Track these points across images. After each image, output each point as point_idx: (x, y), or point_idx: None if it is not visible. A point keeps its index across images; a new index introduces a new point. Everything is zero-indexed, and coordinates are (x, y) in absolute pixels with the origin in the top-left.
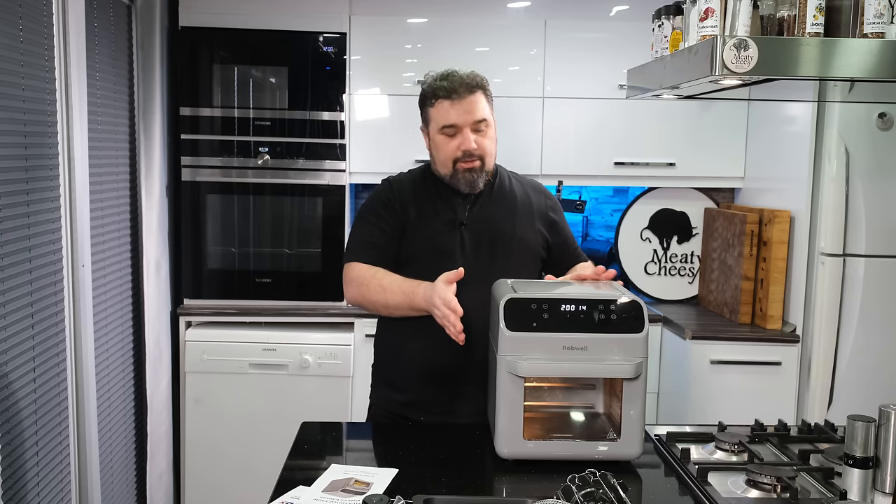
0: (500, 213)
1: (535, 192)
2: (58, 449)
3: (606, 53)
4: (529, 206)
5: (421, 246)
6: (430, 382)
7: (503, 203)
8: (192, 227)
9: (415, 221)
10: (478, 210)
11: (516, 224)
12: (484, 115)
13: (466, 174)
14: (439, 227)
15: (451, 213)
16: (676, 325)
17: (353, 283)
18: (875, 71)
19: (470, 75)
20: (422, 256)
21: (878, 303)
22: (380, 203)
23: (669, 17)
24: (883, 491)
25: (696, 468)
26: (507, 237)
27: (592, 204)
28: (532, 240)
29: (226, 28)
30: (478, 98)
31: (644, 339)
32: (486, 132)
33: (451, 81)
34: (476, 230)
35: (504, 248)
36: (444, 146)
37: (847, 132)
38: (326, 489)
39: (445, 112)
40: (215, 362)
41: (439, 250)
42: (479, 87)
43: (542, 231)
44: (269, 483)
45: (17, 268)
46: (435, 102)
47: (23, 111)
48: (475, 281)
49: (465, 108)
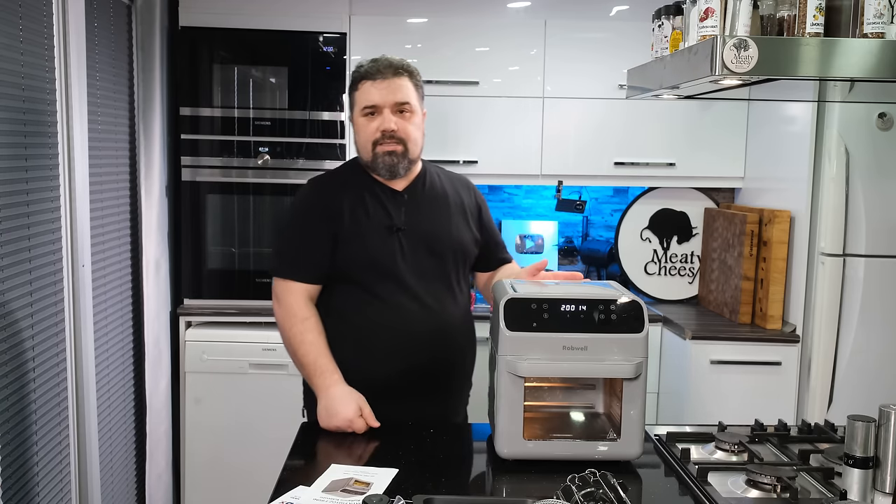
0: (436, 215)
1: (464, 190)
2: (58, 449)
3: (606, 53)
4: (462, 205)
5: (358, 258)
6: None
7: (437, 203)
8: (192, 227)
9: (347, 227)
10: (413, 212)
11: (452, 225)
12: (407, 98)
13: (386, 157)
14: (375, 234)
15: (385, 217)
16: (676, 325)
17: (281, 310)
18: (875, 71)
19: (398, 60)
20: (359, 270)
21: (878, 303)
22: (306, 208)
23: (669, 17)
24: (883, 491)
25: (696, 468)
26: (445, 240)
27: (592, 204)
28: (468, 240)
29: (226, 28)
30: (402, 81)
31: (644, 339)
32: (410, 118)
33: (377, 63)
34: (413, 235)
35: (442, 251)
36: (364, 128)
37: (847, 132)
38: (326, 489)
39: (367, 92)
40: (215, 362)
41: (378, 263)
42: (405, 71)
43: (474, 230)
44: (269, 483)
45: (17, 268)
46: (359, 86)
47: (23, 111)
48: (415, 287)
49: (387, 88)
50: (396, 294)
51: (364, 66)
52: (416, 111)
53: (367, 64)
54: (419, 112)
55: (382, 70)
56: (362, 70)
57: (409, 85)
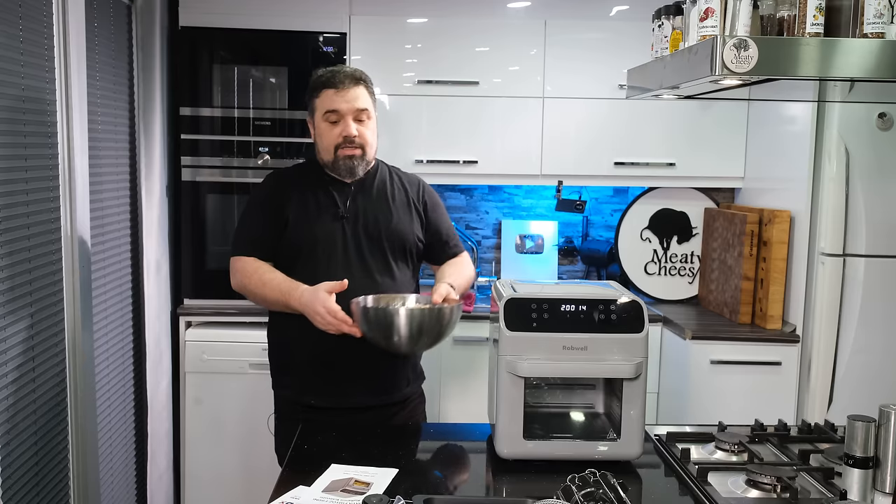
0: (379, 206)
1: (411, 186)
2: (58, 449)
3: (606, 53)
4: (405, 198)
5: (304, 239)
6: (318, 367)
7: (381, 196)
8: (192, 227)
9: (296, 214)
10: (358, 202)
11: (392, 216)
12: (365, 105)
13: (347, 161)
14: (320, 219)
15: (332, 206)
16: (676, 325)
17: (237, 273)
18: (875, 71)
19: (355, 69)
20: (305, 250)
21: (878, 303)
22: (262, 197)
23: (669, 17)
24: (883, 491)
25: (696, 468)
26: (385, 229)
27: (592, 204)
28: (408, 231)
29: (226, 28)
30: (361, 90)
31: (644, 339)
32: (367, 123)
33: (336, 74)
34: (356, 222)
35: (382, 240)
36: (327, 133)
37: (847, 132)
38: (326, 489)
39: (329, 99)
40: (215, 362)
41: (321, 243)
42: (362, 80)
43: (417, 224)
44: (269, 483)
45: (17, 267)
46: (320, 93)
47: (23, 111)
48: (358, 272)
49: (348, 97)
50: (337, 274)
51: (325, 75)
52: (372, 117)
53: (328, 73)
54: (374, 117)
55: (344, 80)
56: (323, 78)
57: (365, 93)
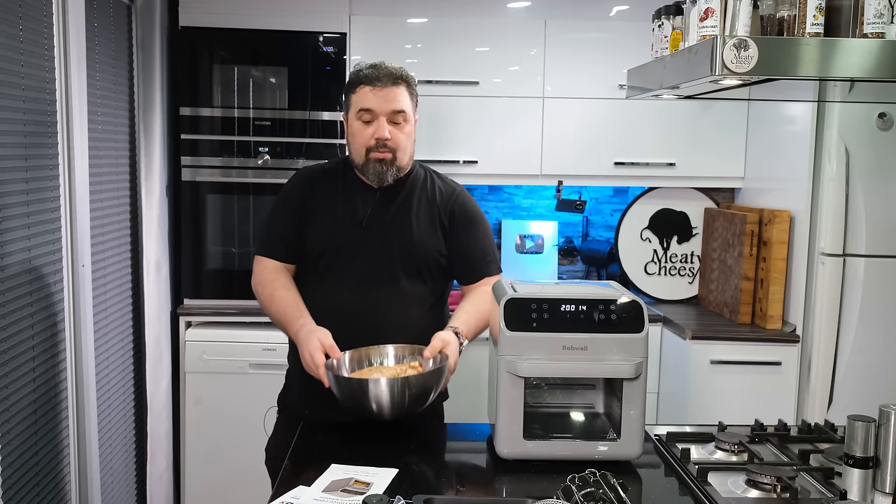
0: (400, 218)
1: (444, 195)
2: (58, 449)
3: (606, 53)
4: (431, 210)
5: (324, 243)
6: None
7: (405, 207)
8: (192, 227)
9: (314, 216)
10: (379, 211)
11: (413, 230)
12: (402, 106)
13: (377, 165)
14: (339, 225)
15: (352, 212)
16: (676, 325)
17: (255, 275)
18: (875, 71)
19: (397, 68)
20: (327, 254)
21: (878, 303)
22: (285, 194)
23: (669, 17)
24: (883, 491)
25: (696, 468)
26: (403, 243)
27: (592, 204)
28: (429, 246)
29: (226, 28)
30: (400, 90)
31: (644, 339)
32: (403, 126)
33: (377, 70)
34: (376, 231)
35: (399, 254)
36: (359, 133)
37: (847, 132)
38: (326, 489)
39: (365, 97)
40: (215, 362)
41: (342, 250)
42: (402, 80)
43: (441, 238)
44: (269, 483)
45: (17, 267)
46: (357, 89)
47: (23, 111)
48: (376, 281)
49: (384, 97)
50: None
51: (364, 71)
52: (409, 119)
53: (367, 69)
54: (412, 120)
55: (382, 77)
56: (361, 74)
57: (405, 94)
